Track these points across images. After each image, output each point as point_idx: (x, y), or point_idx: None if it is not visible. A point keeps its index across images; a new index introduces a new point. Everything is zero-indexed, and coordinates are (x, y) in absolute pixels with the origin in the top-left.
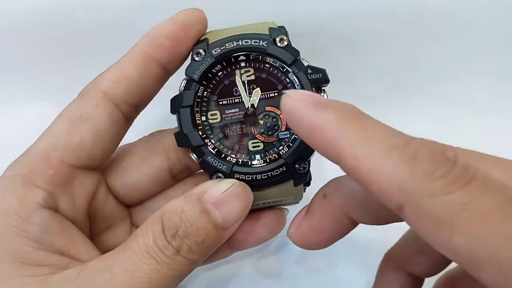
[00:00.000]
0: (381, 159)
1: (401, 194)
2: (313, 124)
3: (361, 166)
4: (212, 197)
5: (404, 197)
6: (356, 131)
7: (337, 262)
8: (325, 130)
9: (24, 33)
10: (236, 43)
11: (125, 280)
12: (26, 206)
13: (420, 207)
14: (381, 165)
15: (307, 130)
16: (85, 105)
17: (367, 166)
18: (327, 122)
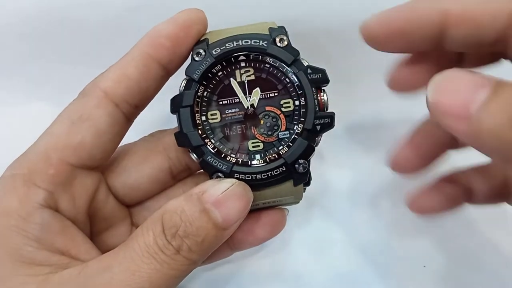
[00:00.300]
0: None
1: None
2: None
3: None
4: (212, 197)
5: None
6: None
7: (337, 262)
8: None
9: (24, 33)
10: (236, 43)
11: (126, 280)
12: (27, 206)
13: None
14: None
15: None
16: (85, 105)
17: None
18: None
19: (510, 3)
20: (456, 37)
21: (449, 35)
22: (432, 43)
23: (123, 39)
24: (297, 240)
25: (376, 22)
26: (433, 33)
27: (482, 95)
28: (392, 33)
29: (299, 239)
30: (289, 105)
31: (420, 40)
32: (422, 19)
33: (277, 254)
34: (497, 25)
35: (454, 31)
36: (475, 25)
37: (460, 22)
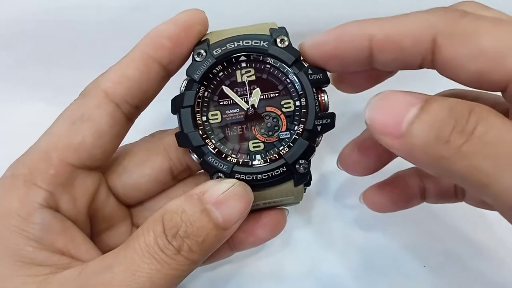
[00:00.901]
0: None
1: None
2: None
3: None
4: (212, 197)
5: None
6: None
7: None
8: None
9: (24, 33)
10: (237, 43)
11: (126, 280)
12: (27, 206)
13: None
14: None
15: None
16: (86, 105)
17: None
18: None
19: (432, 29)
20: (384, 60)
21: (376, 58)
22: (363, 64)
23: (123, 39)
24: (297, 241)
25: (310, 46)
26: (361, 56)
27: (411, 113)
28: (325, 56)
29: (299, 239)
30: (289, 105)
31: (351, 62)
32: (349, 44)
33: (277, 254)
34: (420, 49)
35: (380, 55)
36: (399, 50)
37: (385, 47)
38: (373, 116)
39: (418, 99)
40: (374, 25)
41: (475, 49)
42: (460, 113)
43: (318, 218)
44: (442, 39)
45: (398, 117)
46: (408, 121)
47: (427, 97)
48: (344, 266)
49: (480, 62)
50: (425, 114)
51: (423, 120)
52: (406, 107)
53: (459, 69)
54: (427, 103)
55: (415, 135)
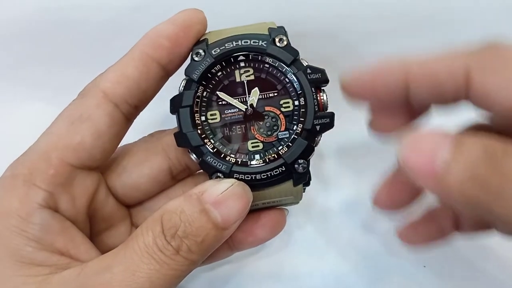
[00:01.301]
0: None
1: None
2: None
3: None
4: (211, 197)
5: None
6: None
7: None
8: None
9: (24, 33)
10: (236, 43)
11: (125, 280)
12: (27, 206)
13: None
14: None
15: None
16: (85, 105)
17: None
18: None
19: (466, 61)
20: (420, 93)
21: (412, 91)
22: (399, 98)
23: (123, 39)
24: (297, 241)
25: (349, 78)
26: (397, 90)
27: (444, 153)
28: (363, 89)
29: (299, 239)
30: (288, 105)
31: (389, 95)
32: (387, 76)
33: (276, 254)
34: (455, 81)
35: (416, 88)
36: (435, 82)
37: (420, 80)
38: (406, 156)
39: (451, 138)
40: (411, 59)
41: (508, 76)
42: (496, 154)
43: (318, 218)
44: (475, 68)
45: (432, 157)
46: (442, 161)
47: (459, 135)
48: (344, 266)
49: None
50: (459, 154)
51: (458, 160)
52: (440, 146)
53: (493, 98)
54: (460, 142)
55: (451, 176)
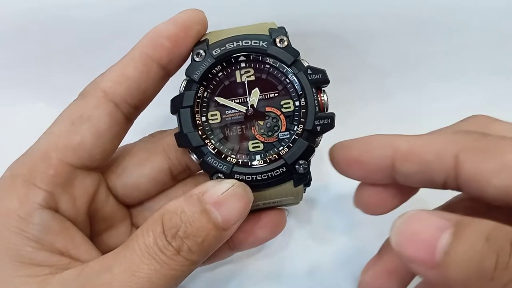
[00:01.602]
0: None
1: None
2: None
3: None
4: (212, 198)
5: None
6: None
7: (337, 262)
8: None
9: (24, 33)
10: (236, 43)
11: (126, 280)
12: (27, 206)
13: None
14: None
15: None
16: (85, 105)
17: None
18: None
19: (455, 144)
20: (406, 173)
21: (399, 170)
22: (385, 176)
23: (123, 39)
24: (297, 241)
25: (336, 148)
26: (385, 166)
27: (444, 240)
28: (350, 160)
29: (299, 239)
30: (289, 105)
31: (375, 171)
32: (374, 151)
33: (277, 254)
34: (443, 165)
35: (402, 166)
36: (421, 163)
37: (407, 158)
38: (401, 244)
39: (448, 222)
40: (400, 138)
41: (499, 163)
42: (501, 245)
43: (318, 218)
44: (465, 155)
45: (430, 245)
46: (442, 250)
47: (458, 219)
48: (344, 266)
49: (506, 176)
50: (460, 243)
51: (460, 251)
52: (437, 233)
53: (484, 184)
54: (459, 228)
55: (452, 267)
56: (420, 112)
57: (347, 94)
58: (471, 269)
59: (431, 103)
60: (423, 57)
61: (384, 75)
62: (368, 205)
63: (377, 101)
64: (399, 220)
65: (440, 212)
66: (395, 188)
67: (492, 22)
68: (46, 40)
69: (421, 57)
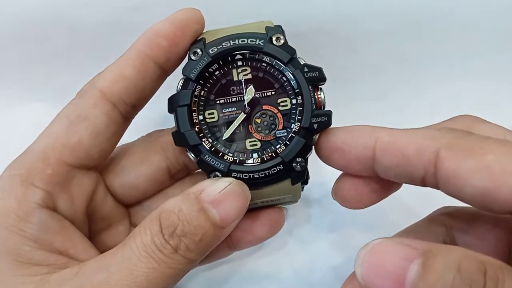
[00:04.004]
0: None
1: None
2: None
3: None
4: (209, 196)
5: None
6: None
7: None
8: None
9: (24, 34)
10: (233, 42)
11: (123, 279)
12: (25, 206)
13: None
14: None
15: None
16: (83, 104)
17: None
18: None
19: (436, 142)
20: (386, 165)
21: (379, 162)
22: (366, 167)
23: (122, 39)
24: (296, 240)
25: (322, 137)
26: (366, 157)
27: (413, 272)
28: (333, 147)
29: (298, 238)
30: (286, 103)
31: (356, 161)
32: (357, 141)
33: (275, 253)
34: (422, 160)
35: (382, 158)
36: (401, 156)
37: (387, 150)
38: (367, 277)
39: (416, 251)
40: (383, 130)
41: (480, 164)
42: (474, 277)
43: (317, 216)
44: (445, 152)
45: (397, 278)
46: (410, 283)
47: (425, 248)
48: (343, 266)
49: (486, 177)
50: (429, 274)
51: (429, 283)
52: (405, 264)
53: (463, 184)
54: (428, 257)
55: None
56: (418, 111)
57: (345, 93)
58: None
59: (429, 103)
60: (421, 57)
61: (382, 74)
62: (346, 198)
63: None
64: (363, 250)
65: (407, 239)
66: (375, 182)
67: (492, 22)
68: (46, 40)
69: (419, 56)
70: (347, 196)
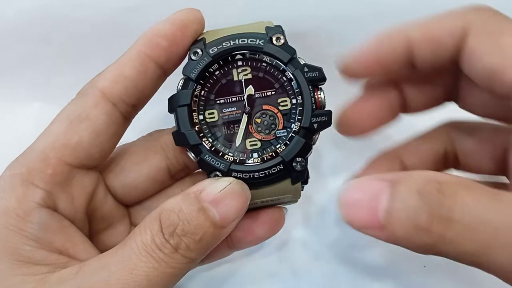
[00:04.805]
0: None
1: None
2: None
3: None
4: (209, 196)
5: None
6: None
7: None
8: None
9: (24, 34)
10: (233, 42)
11: (123, 278)
12: (25, 205)
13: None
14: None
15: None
16: (83, 104)
17: None
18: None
19: (461, 18)
20: (423, 57)
21: (417, 56)
22: (404, 66)
23: (121, 39)
24: (296, 240)
25: (352, 60)
26: (403, 57)
27: (383, 202)
28: (368, 66)
29: (298, 238)
30: (286, 103)
31: (393, 65)
32: (391, 48)
33: (275, 253)
34: (454, 40)
35: (420, 52)
36: (437, 44)
37: (423, 45)
38: (347, 215)
39: (385, 183)
40: (411, 25)
41: (494, 44)
42: (431, 196)
43: (317, 216)
44: (471, 30)
45: (372, 210)
46: (383, 212)
47: (393, 178)
48: (343, 266)
49: (496, 57)
50: (396, 201)
51: (397, 209)
52: (377, 196)
53: (475, 61)
54: (394, 187)
55: (395, 225)
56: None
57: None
58: (410, 225)
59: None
60: None
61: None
62: (351, 122)
63: None
64: (342, 191)
65: (378, 174)
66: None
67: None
68: (45, 40)
69: None
70: (353, 120)
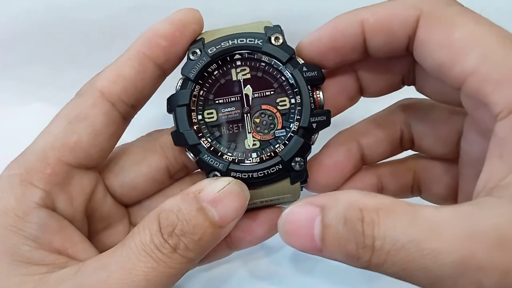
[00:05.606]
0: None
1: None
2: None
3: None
4: (208, 196)
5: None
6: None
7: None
8: None
9: (24, 34)
10: (232, 42)
11: (122, 278)
12: (24, 205)
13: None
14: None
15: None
16: (82, 104)
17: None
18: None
19: (417, 10)
20: (376, 45)
21: (370, 43)
22: (359, 52)
23: (123, 39)
24: None
25: (307, 43)
26: (357, 43)
27: (317, 229)
28: (323, 49)
29: None
30: (285, 103)
31: (349, 51)
32: (344, 32)
33: (275, 253)
34: (407, 29)
35: (373, 39)
36: (389, 32)
37: (376, 31)
38: (289, 241)
39: (316, 209)
40: (365, 11)
41: (446, 38)
42: (355, 225)
43: None
44: (423, 20)
45: (309, 236)
46: (318, 238)
47: (322, 202)
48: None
49: (445, 52)
50: (327, 230)
51: (329, 236)
52: (311, 223)
53: (426, 54)
54: (324, 213)
55: (331, 251)
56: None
57: None
58: (342, 252)
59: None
60: None
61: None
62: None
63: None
64: (280, 219)
65: (310, 198)
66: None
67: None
68: (46, 40)
69: None
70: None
